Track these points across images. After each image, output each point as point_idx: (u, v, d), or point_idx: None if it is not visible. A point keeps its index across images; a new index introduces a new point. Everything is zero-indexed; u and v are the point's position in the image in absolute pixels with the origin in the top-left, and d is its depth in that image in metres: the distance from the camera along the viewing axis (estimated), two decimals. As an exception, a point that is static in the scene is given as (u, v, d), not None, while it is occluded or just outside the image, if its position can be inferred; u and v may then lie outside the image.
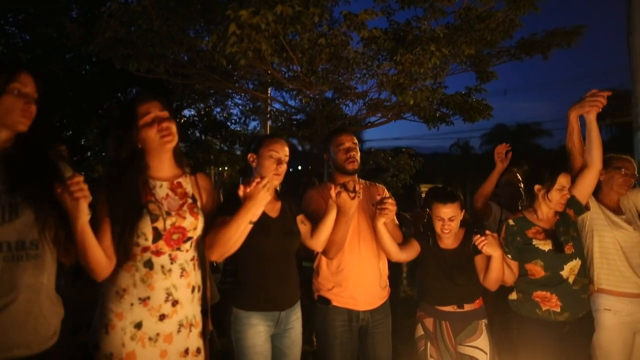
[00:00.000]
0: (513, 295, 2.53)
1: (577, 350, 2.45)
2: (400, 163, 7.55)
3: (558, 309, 2.39)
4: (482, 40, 5.61)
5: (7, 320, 1.51)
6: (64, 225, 1.60)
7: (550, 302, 2.40)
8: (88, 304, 1.87)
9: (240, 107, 11.37)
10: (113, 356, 1.74)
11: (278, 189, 3.92)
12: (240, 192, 1.86)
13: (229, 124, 11.85)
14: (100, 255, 1.67)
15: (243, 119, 12.06)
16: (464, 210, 2.50)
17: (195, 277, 1.90)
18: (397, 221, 2.67)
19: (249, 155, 2.26)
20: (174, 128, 1.86)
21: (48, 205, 1.58)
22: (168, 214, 1.81)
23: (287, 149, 2.24)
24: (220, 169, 11.94)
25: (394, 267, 3.75)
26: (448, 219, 2.42)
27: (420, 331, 2.54)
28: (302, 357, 2.34)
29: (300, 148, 18.49)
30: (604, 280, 2.50)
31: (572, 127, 2.53)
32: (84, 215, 1.58)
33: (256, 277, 2.16)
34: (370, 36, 4.86)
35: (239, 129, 11.95)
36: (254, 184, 1.85)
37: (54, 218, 1.59)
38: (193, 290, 1.89)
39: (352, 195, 2.18)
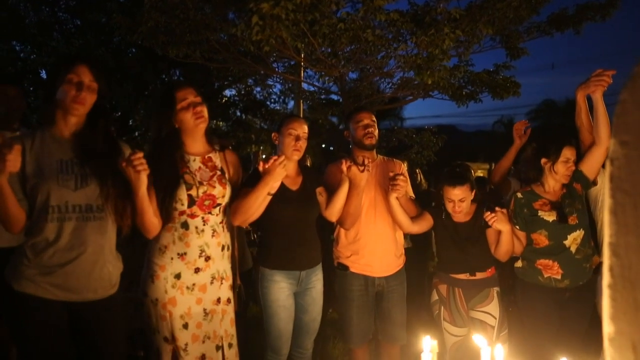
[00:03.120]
0: (518, 263, 2.60)
1: (577, 315, 2.52)
2: (423, 140, 7.55)
3: (559, 277, 2.46)
4: (504, 18, 5.48)
5: (79, 267, 1.82)
6: (123, 197, 1.88)
7: (552, 270, 2.47)
8: (138, 266, 2.15)
9: (279, 85, 11.40)
10: (158, 301, 2.02)
11: (308, 163, 4.06)
12: (260, 168, 2.09)
13: (268, 103, 11.93)
14: (154, 217, 1.95)
15: (282, 98, 12.11)
16: (475, 190, 2.56)
17: (225, 237, 2.15)
18: (412, 195, 2.76)
19: (273, 135, 2.48)
20: (205, 112, 2.10)
21: (111, 179, 1.86)
22: (200, 183, 2.06)
23: (305, 127, 2.41)
24: (261, 147, 12.14)
25: (424, 243, 3.86)
26: (458, 200, 2.51)
27: (435, 296, 2.64)
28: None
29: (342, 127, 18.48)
30: None
31: (579, 106, 2.54)
32: (144, 185, 1.84)
33: (278, 241, 2.38)
34: (388, 19, 4.89)
35: (278, 108, 12.04)
36: (271, 160, 2.08)
37: (115, 190, 1.86)
38: (223, 249, 2.13)
39: (361, 168, 2.30)
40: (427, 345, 1.12)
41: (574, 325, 2.50)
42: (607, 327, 0.75)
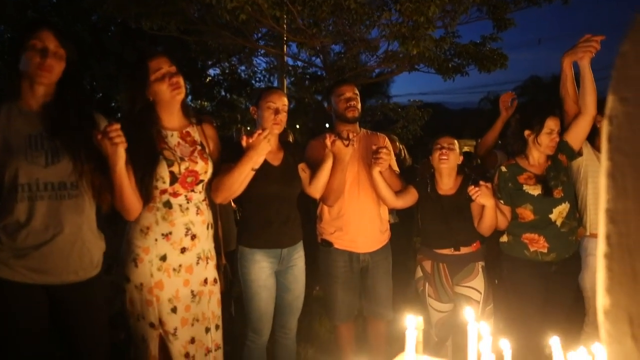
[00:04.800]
0: (504, 238, 2.60)
1: (562, 288, 2.53)
2: (409, 114, 7.49)
3: (545, 250, 2.46)
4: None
5: (56, 249, 1.74)
6: (99, 173, 1.78)
7: (538, 244, 2.46)
8: (118, 246, 2.06)
9: (264, 64, 11.24)
10: (143, 286, 1.94)
11: (291, 139, 3.99)
12: (243, 142, 2.02)
13: (253, 82, 11.76)
14: (134, 196, 1.85)
15: (267, 76, 11.94)
16: (462, 158, 2.54)
17: (208, 215, 2.08)
18: (396, 169, 2.71)
19: (251, 109, 2.39)
20: (182, 82, 1.99)
21: (84, 153, 1.75)
22: (182, 159, 1.97)
23: (285, 99, 2.34)
24: (248, 127, 12.00)
25: (408, 219, 3.83)
26: (447, 145, 2.48)
27: (419, 273, 2.63)
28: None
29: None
30: (597, 225, 2.51)
31: (565, 74, 2.50)
32: (122, 160, 1.74)
33: (258, 218, 2.32)
34: None
35: (263, 86, 11.90)
36: (255, 135, 2.00)
37: (90, 166, 1.76)
38: (208, 227, 2.07)
39: (346, 143, 2.25)
40: (412, 322, 1.08)
41: (559, 298, 2.51)
42: (603, 300, 0.70)
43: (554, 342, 1.01)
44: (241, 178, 2.04)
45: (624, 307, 0.68)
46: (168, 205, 1.96)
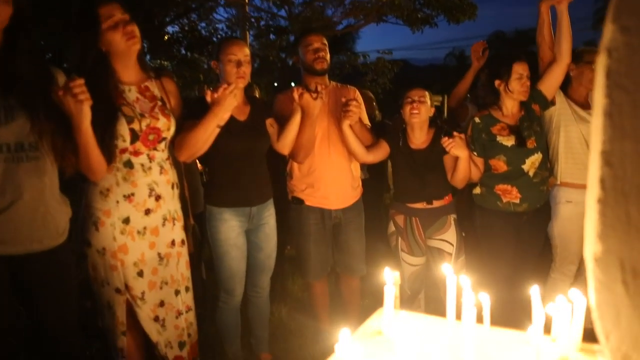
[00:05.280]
0: (477, 190, 2.62)
1: (532, 238, 2.61)
2: (377, 67, 7.38)
3: (517, 201, 2.50)
4: None
5: (16, 216, 1.62)
6: (61, 132, 1.65)
7: (510, 195, 2.50)
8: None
9: (224, 14, 10.74)
10: (106, 250, 1.87)
11: (257, 94, 3.87)
12: (208, 98, 1.93)
13: (214, 39, 11.27)
14: (100, 156, 1.75)
15: (229, 33, 11.45)
16: (434, 108, 2.50)
17: (172, 174, 2.01)
18: (367, 122, 2.66)
19: (213, 63, 2.29)
20: (137, 31, 1.85)
21: (43, 111, 1.61)
22: (142, 115, 1.87)
23: (246, 50, 2.24)
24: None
25: (379, 175, 3.82)
26: (418, 98, 2.44)
27: (392, 228, 2.64)
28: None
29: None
30: (567, 174, 2.56)
31: (542, 19, 2.47)
32: (87, 119, 1.62)
33: (225, 176, 2.26)
34: None
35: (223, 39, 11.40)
36: (221, 89, 1.92)
37: (51, 125, 1.63)
38: (173, 187, 2.00)
39: (314, 96, 2.18)
40: (390, 277, 1.06)
41: (529, 247, 2.59)
42: (594, 246, 0.68)
43: (533, 291, 1.01)
44: (206, 135, 1.97)
45: (616, 253, 0.66)
46: (129, 165, 1.87)
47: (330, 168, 2.51)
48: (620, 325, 0.66)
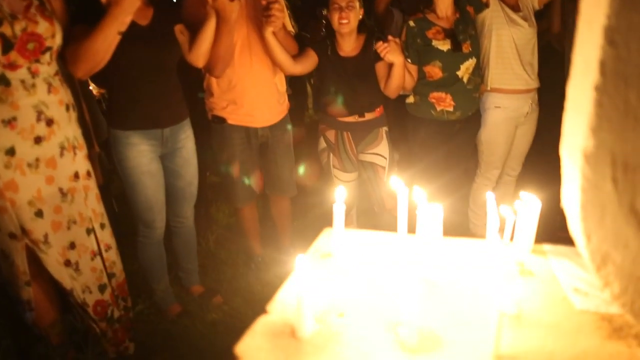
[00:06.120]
0: (410, 99, 2.59)
1: (464, 144, 2.67)
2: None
3: (451, 109, 2.51)
4: None
5: None
6: None
7: (444, 102, 2.50)
8: None
9: None
10: None
11: None
12: None
13: None
14: None
15: None
16: (362, 10, 2.35)
17: (66, 94, 1.75)
18: (292, 29, 2.45)
19: None
20: None
21: None
22: (14, 17, 1.56)
23: None
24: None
25: (299, 92, 3.64)
26: (346, 4, 2.29)
27: (322, 144, 2.58)
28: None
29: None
30: (497, 80, 2.58)
31: None
32: None
33: (129, 93, 2.03)
34: None
35: None
36: None
37: None
38: (68, 109, 1.75)
39: None
40: (341, 195, 0.97)
41: (459, 153, 2.66)
42: (586, 142, 0.62)
43: (489, 197, 0.98)
44: (105, 44, 1.72)
45: (609, 147, 0.61)
46: (4, 81, 1.58)
47: (253, 82, 2.34)
48: (604, 224, 0.64)
